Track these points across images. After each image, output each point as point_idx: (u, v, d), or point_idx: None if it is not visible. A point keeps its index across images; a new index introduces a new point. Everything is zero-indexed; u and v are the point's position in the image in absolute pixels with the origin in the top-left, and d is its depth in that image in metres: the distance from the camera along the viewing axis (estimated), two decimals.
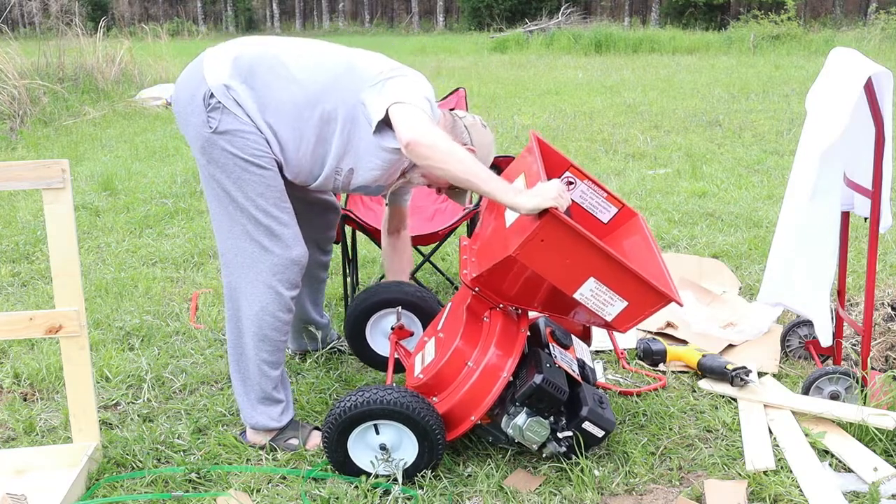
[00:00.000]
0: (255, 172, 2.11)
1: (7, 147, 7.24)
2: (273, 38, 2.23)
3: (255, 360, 2.24)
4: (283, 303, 2.20)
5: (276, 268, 2.17)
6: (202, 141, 2.10)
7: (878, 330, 2.79)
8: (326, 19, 37.48)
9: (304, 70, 2.12)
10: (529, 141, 2.19)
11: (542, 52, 18.22)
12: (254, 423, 2.28)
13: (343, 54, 2.19)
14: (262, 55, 2.12)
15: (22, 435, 2.41)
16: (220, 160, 2.10)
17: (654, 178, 5.62)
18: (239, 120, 2.08)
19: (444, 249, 4.02)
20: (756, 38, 17.10)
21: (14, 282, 3.78)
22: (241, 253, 2.17)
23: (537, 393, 2.02)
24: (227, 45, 2.17)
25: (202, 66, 2.12)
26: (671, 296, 1.94)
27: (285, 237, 2.17)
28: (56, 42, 10.55)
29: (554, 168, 2.25)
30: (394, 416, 2.01)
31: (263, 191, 2.13)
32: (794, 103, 8.88)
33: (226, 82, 2.07)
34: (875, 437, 2.20)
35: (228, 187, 2.12)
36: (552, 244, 1.87)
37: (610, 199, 2.30)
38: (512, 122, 8.11)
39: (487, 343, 2.11)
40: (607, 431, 2.12)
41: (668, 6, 28.06)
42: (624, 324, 1.99)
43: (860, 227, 3.89)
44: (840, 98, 2.15)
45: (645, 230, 2.26)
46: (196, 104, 2.09)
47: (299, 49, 2.18)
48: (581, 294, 1.93)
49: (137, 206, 5.09)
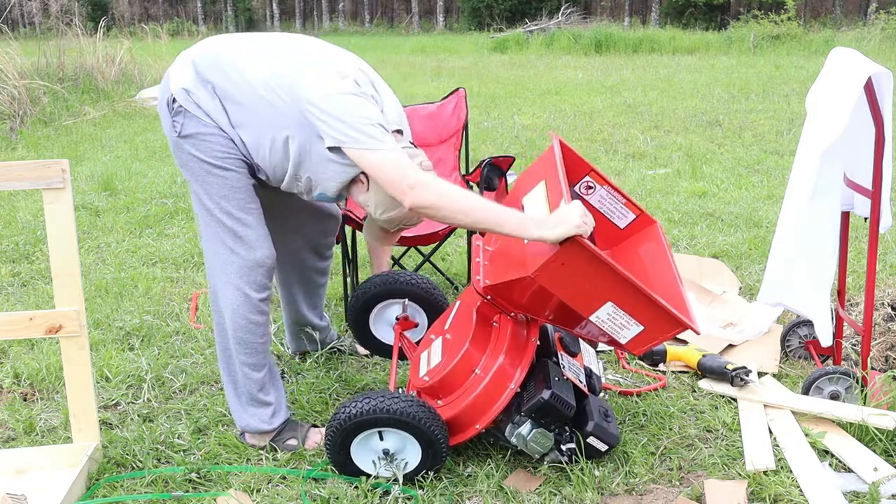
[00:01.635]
0: (217, 175, 2.10)
1: (7, 147, 7.24)
2: (232, 36, 2.17)
3: (237, 363, 2.24)
4: (251, 305, 2.19)
5: (242, 270, 2.16)
6: (172, 145, 2.13)
7: (878, 330, 2.79)
8: (326, 19, 37.47)
9: (257, 72, 2.03)
10: (551, 144, 2.17)
11: (542, 52, 18.22)
12: (244, 425, 2.28)
13: (297, 57, 2.08)
14: (218, 56, 2.08)
15: (22, 435, 2.41)
16: (187, 164, 2.12)
17: (654, 178, 5.62)
18: (201, 122, 2.07)
19: (444, 249, 4.02)
20: (756, 38, 17.10)
21: (14, 282, 3.78)
22: (214, 255, 2.18)
23: (544, 408, 2.00)
24: (190, 49, 2.16)
25: (169, 71, 2.14)
26: (690, 325, 1.90)
27: (248, 239, 2.15)
28: (56, 42, 10.56)
29: (574, 172, 2.21)
30: (399, 425, 2.00)
31: (227, 193, 2.12)
32: (794, 103, 8.88)
33: (185, 86, 2.06)
34: (875, 437, 2.20)
35: (197, 190, 2.14)
36: (573, 268, 1.82)
37: (629, 205, 2.28)
38: (512, 122, 8.11)
39: (496, 350, 2.09)
40: (611, 446, 2.11)
41: (668, 6, 28.06)
42: (637, 347, 1.96)
43: (860, 227, 3.88)
44: (840, 98, 2.15)
45: (662, 238, 2.23)
46: (163, 109, 2.11)
47: (256, 49, 2.10)
48: (597, 317, 1.90)
49: (137, 206, 5.09)
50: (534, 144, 6.92)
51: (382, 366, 2.82)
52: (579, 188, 2.24)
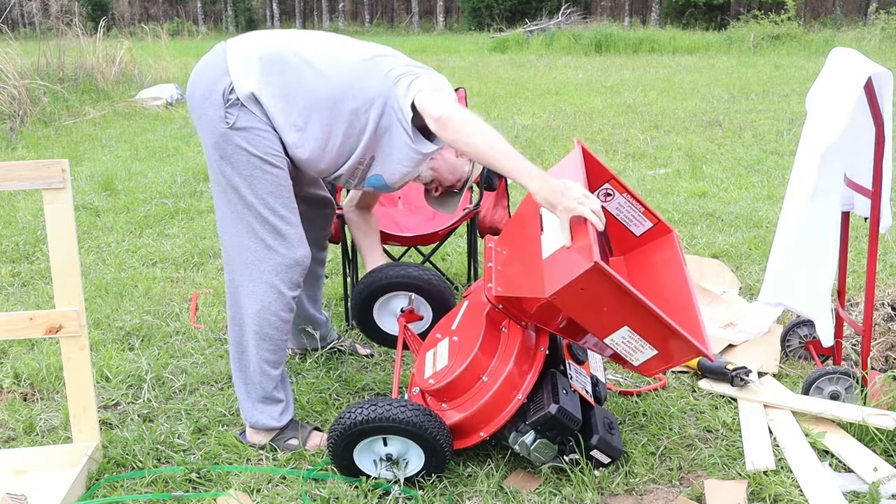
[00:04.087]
0: (267, 171, 2.11)
1: (7, 147, 7.24)
2: (290, 31, 2.22)
3: (256, 359, 2.24)
4: (284, 302, 2.20)
5: (280, 267, 2.16)
6: (217, 136, 2.10)
7: (878, 330, 2.79)
8: (326, 19, 37.46)
9: (329, 65, 2.11)
10: (573, 148, 2.16)
11: (542, 52, 18.22)
12: (254, 421, 2.27)
13: (364, 48, 2.19)
14: (287, 50, 2.12)
15: (22, 435, 2.41)
16: (233, 157, 2.10)
17: (654, 178, 5.62)
18: (256, 117, 2.09)
19: (444, 249, 4.02)
20: (756, 38, 17.10)
21: (14, 282, 3.78)
22: (245, 251, 2.17)
23: (551, 422, 1.99)
24: (249, 40, 2.16)
25: (225, 59, 2.11)
26: (705, 352, 1.88)
27: (291, 237, 2.17)
28: (56, 42, 10.55)
29: (595, 178, 2.19)
30: (405, 434, 2.00)
31: (274, 190, 2.13)
32: (794, 103, 8.88)
33: (249, 81, 2.07)
34: (875, 437, 2.20)
35: (238, 184, 2.12)
36: (592, 293, 1.78)
37: (647, 213, 2.25)
38: (512, 122, 8.11)
39: (505, 358, 2.07)
40: (613, 459, 2.10)
41: (668, 6, 28.05)
42: (650, 370, 1.95)
43: (860, 227, 3.88)
44: (840, 98, 2.15)
45: (677, 248, 2.20)
46: (214, 98, 2.08)
47: (318, 43, 2.17)
48: (612, 339, 1.88)
49: (137, 206, 5.09)
50: (534, 144, 6.93)
51: (382, 366, 2.82)
52: (597, 195, 2.20)
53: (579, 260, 1.78)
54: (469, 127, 1.95)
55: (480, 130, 1.95)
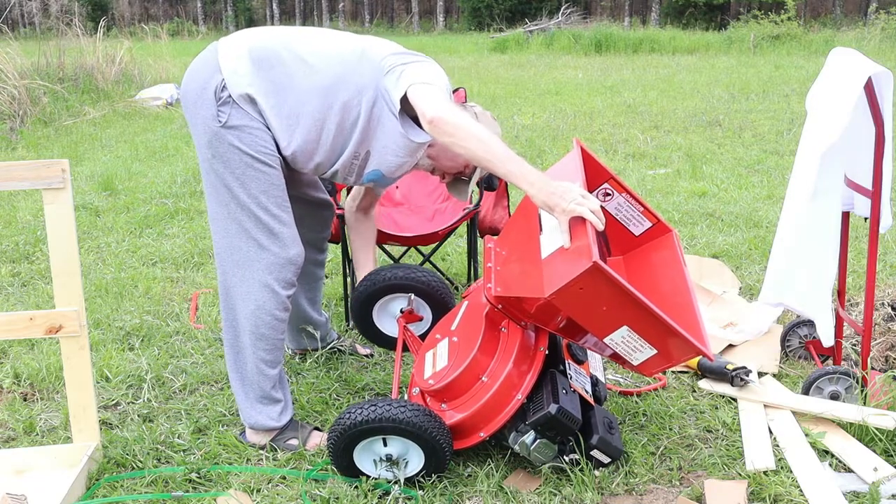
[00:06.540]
0: (260, 170, 2.11)
1: (7, 147, 7.24)
2: (281, 28, 2.22)
3: (252, 360, 2.23)
4: (279, 301, 2.20)
5: (272, 266, 2.16)
6: (209, 135, 2.10)
7: (878, 330, 2.79)
8: (326, 19, 37.47)
9: (319, 58, 2.11)
10: (572, 148, 2.15)
11: (542, 52, 18.22)
12: (253, 422, 2.27)
13: (353, 40, 2.19)
14: (276, 45, 2.11)
15: (22, 435, 2.41)
16: (225, 155, 2.09)
17: (654, 178, 5.62)
18: (248, 115, 2.08)
19: (444, 249, 4.02)
20: (756, 38, 17.10)
21: (14, 282, 3.78)
22: (237, 251, 2.16)
23: (550, 422, 1.99)
24: (240, 38, 2.15)
25: (217, 57, 2.10)
26: (704, 351, 1.88)
27: (284, 236, 2.16)
28: (56, 42, 10.55)
29: (594, 178, 2.19)
30: (405, 434, 2.00)
31: (267, 188, 2.12)
32: (794, 103, 8.88)
33: (240, 79, 2.06)
34: (875, 437, 2.20)
35: (231, 183, 2.11)
36: (591, 292, 1.78)
37: (646, 213, 2.25)
38: (512, 122, 8.11)
39: (504, 358, 2.07)
40: (614, 459, 2.10)
41: (668, 6, 28.05)
42: (650, 369, 1.95)
43: (860, 227, 3.89)
44: (840, 98, 2.15)
45: (677, 248, 2.20)
46: (206, 97, 2.07)
47: (309, 37, 2.17)
48: (611, 339, 1.88)
49: (137, 206, 5.09)
50: (533, 144, 6.93)
51: (382, 366, 2.83)
52: (596, 195, 2.19)
53: (578, 260, 1.77)
54: (462, 131, 1.93)
55: (474, 133, 1.93)
